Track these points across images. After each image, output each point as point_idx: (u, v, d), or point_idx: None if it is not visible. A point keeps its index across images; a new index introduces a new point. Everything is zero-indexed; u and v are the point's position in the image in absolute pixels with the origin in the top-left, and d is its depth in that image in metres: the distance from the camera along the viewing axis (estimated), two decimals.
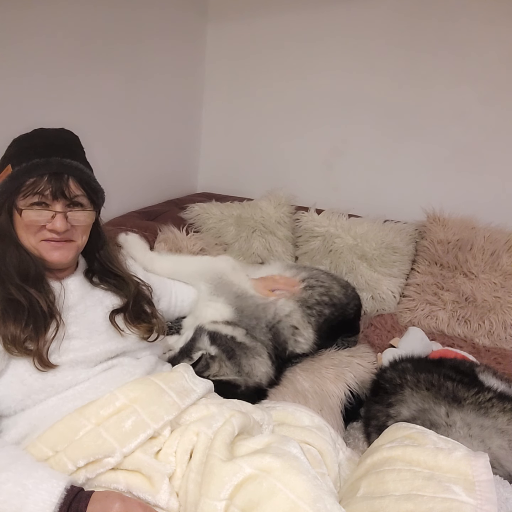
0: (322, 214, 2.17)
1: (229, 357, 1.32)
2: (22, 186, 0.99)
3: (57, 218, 1.00)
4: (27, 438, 0.93)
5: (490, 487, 0.84)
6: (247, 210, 2.18)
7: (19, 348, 0.93)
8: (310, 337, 1.50)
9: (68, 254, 1.05)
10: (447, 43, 2.06)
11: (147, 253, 1.52)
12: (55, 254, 1.03)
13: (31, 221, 1.00)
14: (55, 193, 1.00)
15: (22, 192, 0.99)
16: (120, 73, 1.95)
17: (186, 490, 0.87)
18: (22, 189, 0.99)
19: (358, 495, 0.92)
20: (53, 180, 0.99)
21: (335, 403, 1.37)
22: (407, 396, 1.22)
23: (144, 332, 1.14)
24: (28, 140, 1.05)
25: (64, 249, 1.04)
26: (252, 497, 0.81)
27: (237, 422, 0.97)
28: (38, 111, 1.59)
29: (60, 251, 1.03)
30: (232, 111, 2.58)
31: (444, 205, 2.07)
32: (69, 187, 1.01)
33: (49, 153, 1.00)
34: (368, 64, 2.22)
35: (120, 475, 0.88)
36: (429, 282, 1.99)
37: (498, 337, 1.84)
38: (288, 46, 2.36)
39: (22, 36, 1.50)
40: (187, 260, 1.62)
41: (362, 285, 2.02)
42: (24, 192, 0.99)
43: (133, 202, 2.12)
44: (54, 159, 1.00)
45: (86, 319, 1.08)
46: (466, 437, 1.07)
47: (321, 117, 2.38)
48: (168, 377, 1.06)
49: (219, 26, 2.48)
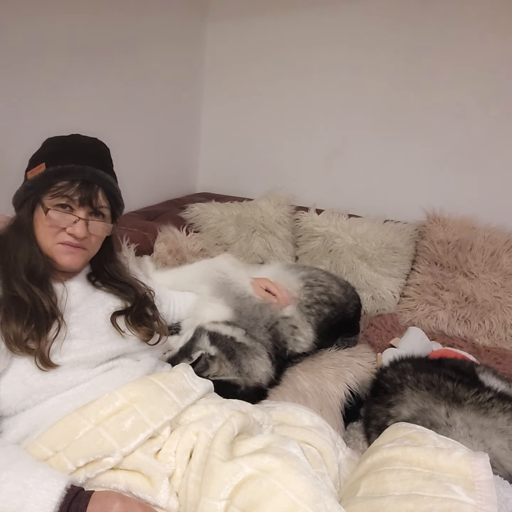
0: (322, 214, 2.17)
1: (229, 357, 1.32)
2: (52, 186, 1.01)
3: (79, 224, 1.03)
4: (27, 439, 0.93)
5: (490, 487, 0.84)
6: (247, 210, 2.18)
7: (21, 346, 0.93)
8: (309, 336, 1.50)
9: (79, 261, 1.08)
10: (447, 43, 2.07)
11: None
12: (67, 258, 1.05)
13: (53, 222, 1.02)
14: (83, 200, 1.03)
15: (51, 192, 1.01)
16: (120, 74, 1.95)
17: (186, 490, 0.87)
18: (51, 189, 1.01)
19: (358, 495, 0.92)
20: (84, 188, 1.03)
21: (335, 403, 1.37)
22: (407, 396, 1.22)
23: (145, 335, 1.14)
24: (65, 144, 1.08)
25: (76, 255, 1.06)
26: (252, 497, 0.81)
27: (237, 422, 0.97)
28: (39, 113, 1.59)
29: (71, 256, 1.06)
30: (232, 111, 2.58)
31: (444, 205, 2.08)
32: (97, 197, 1.05)
33: (84, 161, 1.04)
34: (368, 64, 2.22)
35: (120, 475, 0.88)
36: (429, 282, 1.99)
37: (498, 337, 1.84)
38: (288, 47, 2.36)
39: (25, 40, 1.50)
40: (186, 268, 1.63)
41: (362, 285, 2.02)
42: (54, 192, 1.01)
43: (133, 202, 2.12)
44: (89, 168, 1.03)
45: (87, 320, 1.08)
46: (466, 437, 1.07)
47: (321, 117, 2.38)
48: (167, 377, 1.06)
49: (219, 27, 2.48)
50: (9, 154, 1.46)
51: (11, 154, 1.12)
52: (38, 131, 1.11)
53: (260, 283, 1.53)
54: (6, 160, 1.47)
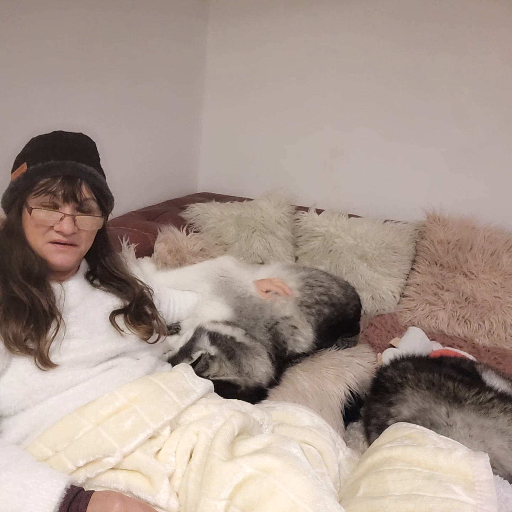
0: (322, 214, 2.17)
1: (229, 357, 1.32)
2: (34, 185, 1.00)
3: (66, 220, 1.01)
4: (27, 439, 0.93)
5: (490, 487, 0.84)
6: (247, 210, 2.18)
7: (20, 346, 0.93)
8: (309, 336, 1.50)
9: (71, 259, 1.07)
10: (447, 43, 2.07)
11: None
12: (58, 257, 1.04)
13: (40, 221, 1.01)
14: (67, 196, 1.01)
15: (34, 191, 1.00)
16: (121, 74, 1.95)
17: (186, 490, 0.87)
18: (34, 188, 1.00)
19: (358, 495, 0.92)
20: (66, 182, 1.01)
21: (335, 403, 1.37)
22: (407, 395, 1.21)
23: (144, 333, 1.14)
24: (46, 141, 1.07)
25: (67, 253, 1.05)
26: (252, 497, 0.81)
27: (237, 422, 0.97)
28: (40, 113, 1.59)
29: (63, 255, 1.05)
30: (232, 111, 2.58)
31: (444, 205, 2.07)
32: (81, 191, 1.03)
33: (65, 156, 1.02)
34: (368, 64, 2.22)
35: (120, 475, 0.88)
36: (429, 282, 1.98)
37: (498, 337, 1.84)
38: (288, 46, 2.36)
39: (25, 39, 1.50)
40: (189, 268, 1.64)
41: (362, 285, 2.02)
42: (36, 191, 1.00)
43: (133, 202, 2.12)
44: (69, 163, 1.01)
45: (86, 319, 1.08)
46: (467, 437, 1.06)
47: (321, 117, 2.38)
48: (167, 377, 1.06)
49: (219, 26, 2.48)
50: (8, 154, 1.46)
51: (11, 153, 1.12)
52: (38, 131, 1.11)
53: (260, 287, 1.54)
54: (5, 161, 1.47)
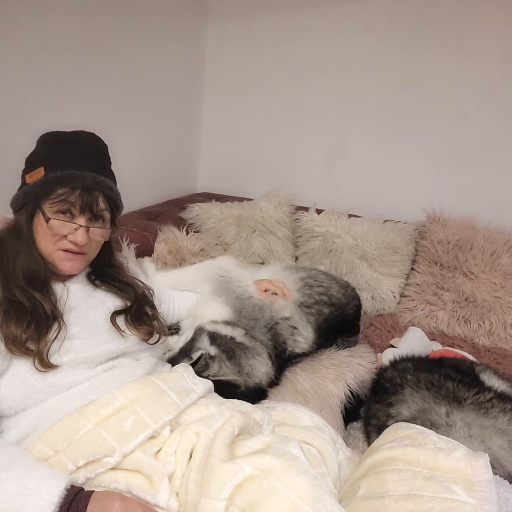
0: (322, 214, 2.17)
1: (229, 357, 1.32)
2: (52, 194, 1.00)
3: (80, 231, 1.02)
4: (27, 439, 0.93)
5: (490, 487, 0.84)
6: (247, 210, 2.18)
7: (20, 348, 0.93)
8: (309, 336, 1.50)
9: (80, 266, 1.08)
10: (447, 43, 2.07)
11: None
12: (67, 264, 1.05)
13: (55, 230, 1.01)
14: (84, 207, 1.02)
15: (52, 199, 1.00)
16: (121, 74, 1.95)
17: (186, 490, 0.87)
18: (51, 196, 1.00)
19: (358, 495, 0.92)
20: (85, 194, 1.02)
21: (335, 403, 1.37)
22: (407, 396, 1.22)
23: (145, 334, 1.14)
24: (62, 144, 1.06)
25: (76, 261, 1.06)
26: (252, 497, 0.81)
27: (237, 422, 0.97)
28: (39, 112, 1.59)
29: (72, 262, 1.06)
30: (232, 111, 2.58)
31: (444, 205, 2.07)
32: (98, 204, 1.05)
33: (84, 166, 1.03)
34: (368, 64, 2.22)
35: (120, 475, 0.88)
36: (429, 282, 1.99)
37: (498, 337, 1.84)
38: (288, 47, 2.36)
39: (23, 40, 1.50)
40: (189, 268, 1.64)
41: (362, 285, 2.02)
42: (54, 200, 1.00)
43: (133, 202, 2.12)
44: (89, 175, 1.02)
45: (87, 319, 1.08)
46: (466, 437, 1.06)
47: (321, 117, 2.38)
48: (167, 377, 1.06)
49: (219, 27, 2.48)
50: (7, 154, 1.46)
51: (10, 153, 1.12)
52: (37, 131, 1.10)
53: (259, 286, 1.54)
54: (5, 160, 1.47)
